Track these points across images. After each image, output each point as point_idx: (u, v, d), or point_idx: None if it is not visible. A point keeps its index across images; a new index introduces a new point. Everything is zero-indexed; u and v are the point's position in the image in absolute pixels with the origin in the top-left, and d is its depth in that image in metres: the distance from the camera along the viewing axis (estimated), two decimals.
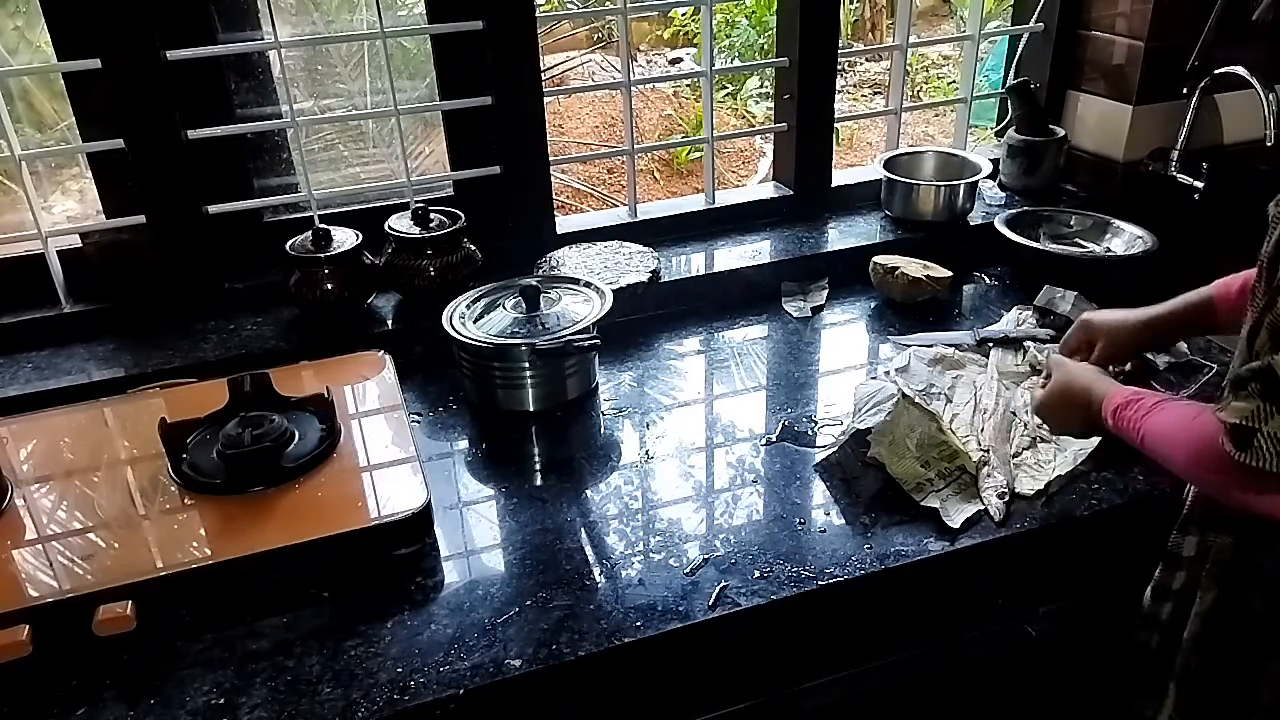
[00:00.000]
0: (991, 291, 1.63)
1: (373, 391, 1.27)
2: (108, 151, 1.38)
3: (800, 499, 1.14)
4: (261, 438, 1.09)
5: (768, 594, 0.99)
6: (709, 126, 1.74)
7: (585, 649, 0.93)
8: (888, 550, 1.05)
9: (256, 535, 1.00)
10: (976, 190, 1.75)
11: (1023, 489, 1.13)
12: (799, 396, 1.35)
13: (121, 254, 1.44)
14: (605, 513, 1.13)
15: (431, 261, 1.45)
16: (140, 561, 0.97)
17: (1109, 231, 1.67)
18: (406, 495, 1.05)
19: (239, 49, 1.44)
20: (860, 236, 1.72)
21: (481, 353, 1.30)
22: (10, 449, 1.16)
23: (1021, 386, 1.32)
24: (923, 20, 6.21)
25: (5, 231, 1.43)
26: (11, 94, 1.66)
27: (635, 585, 1.01)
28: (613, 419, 1.33)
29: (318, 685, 0.90)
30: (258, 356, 1.37)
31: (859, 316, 1.58)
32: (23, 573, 0.96)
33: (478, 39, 1.48)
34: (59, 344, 1.42)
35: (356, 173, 2.48)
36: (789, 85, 1.73)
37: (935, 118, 5.34)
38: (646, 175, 4.68)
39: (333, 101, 2.42)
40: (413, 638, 0.95)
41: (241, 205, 1.49)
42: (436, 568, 1.05)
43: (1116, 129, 1.75)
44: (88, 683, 0.91)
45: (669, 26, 5.86)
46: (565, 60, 4.65)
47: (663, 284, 1.54)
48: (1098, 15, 1.75)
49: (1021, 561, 1.13)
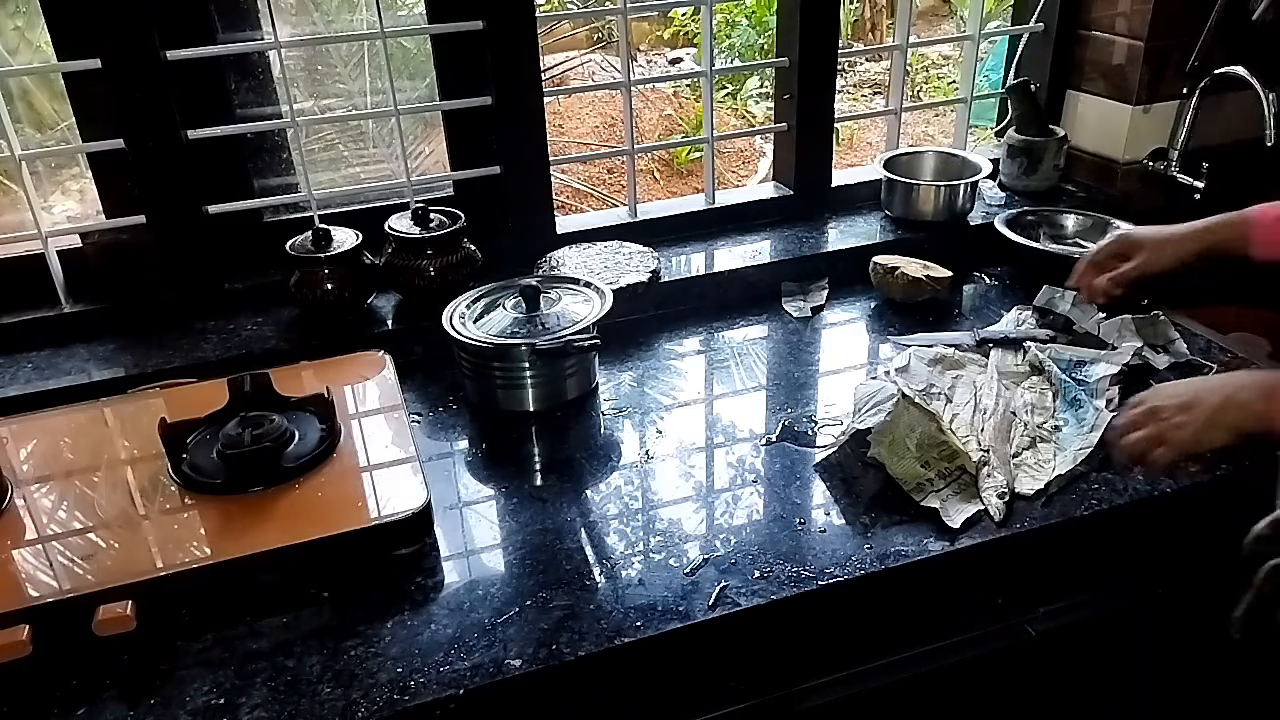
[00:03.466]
0: (991, 291, 1.63)
1: (373, 391, 1.27)
2: (108, 151, 1.38)
3: (800, 499, 1.14)
4: (261, 438, 1.09)
5: (768, 594, 0.99)
6: (709, 126, 1.74)
7: (585, 649, 0.93)
8: (888, 550, 1.05)
9: (256, 535, 1.00)
10: (976, 190, 1.75)
11: (1023, 489, 1.13)
12: (799, 396, 1.35)
13: (121, 254, 1.44)
14: (605, 513, 1.13)
15: (431, 261, 1.45)
16: (140, 561, 0.97)
17: (1109, 231, 1.66)
18: (406, 495, 1.05)
19: (239, 49, 1.44)
20: (860, 236, 1.72)
21: (481, 353, 1.30)
22: (10, 449, 1.16)
23: (1021, 386, 1.32)
24: (923, 20, 6.21)
25: (5, 231, 1.43)
26: (11, 94, 1.66)
27: (635, 585, 1.01)
28: (613, 419, 1.33)
29: (318, 685, 0.90)
30: (258, 356, 1.37)
31: (859, 316, 1.58)
32: (23, 573, 0.96)
33: (478, 39, 1.48)
34: (59, 344, 1.42)
35: (356, 173, 2.48)
36: (789, 85, 1.73)
37: (935, 118, 5.34)
38: (646, 175, 4.68)
39: (333, 101, 2.42)
40: (413, 638, 0.95)
41: (241, 205, 1.49)
42: (436, 568, 1.05)
43: (1116, 129, 1.75)
44: (88, 683, 0.91)
45: (669, 26, 5.86)
46: (565, 60, 4.65)
47: (663, 284, 1.54)
48: (1098, 15, 1.75)
49: (1021, 561, 1.13)
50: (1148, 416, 0.98)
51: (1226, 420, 0.93)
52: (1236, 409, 0.91)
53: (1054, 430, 1.23)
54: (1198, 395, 0.95)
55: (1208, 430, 0.95)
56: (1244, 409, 0.91)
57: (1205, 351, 1.39)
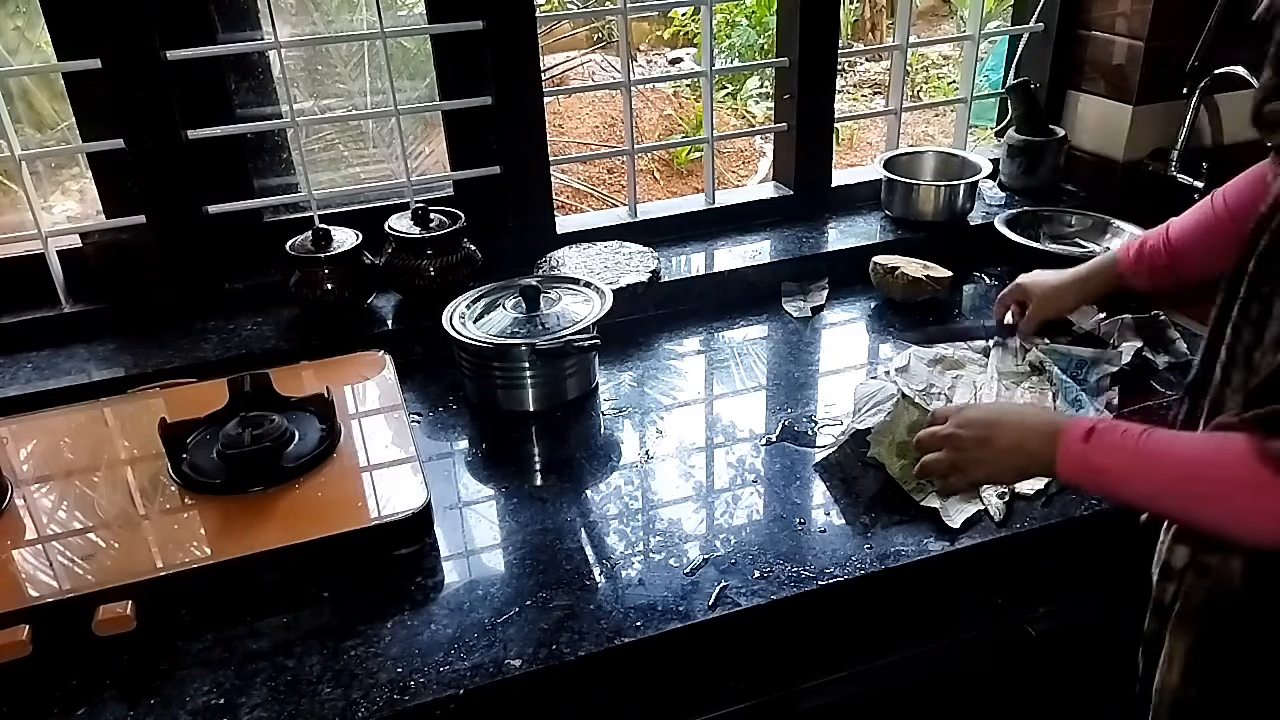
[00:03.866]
0: (991, 291, 1.63)
1: (373, 391, 1.27)
2: (108, 151, 1.38)
3: (800, 499, 1.14)
4: (261, 438, 1.09)
5: (768, 594, 0.99)
6: (709, 126, 1.74)
7: (585, 649, 0.93)
8: (888, 550, 1.05)
9: (256, 535, 1.00)
10: (976, 190, 1.75)
11: (1023, 489, 1.13)
12: (799, 396, 1.35)
13: (121, 254, 1.44)
14: (605, 513, 1.13)
15: (431, 261, 1.44)
16: (140, 561, 0.97)
17: (1109, 231, 1.67)
18: (406, 495, 1.05)
19: (239, 49, 1.44)
20: (860, 236, 1.72)
21: (481, 353, 1.30)
22: (10, 449, 1.16)
23: (1022, 387, 1.32)
24: (923, 20, 6.21)
25: (5, 231, 1.43)
26: (11, 94, 1.66)
27: (635, 585, 1.01)
28: (613, 419, 1.33)
29: (318, 685, 0.90)
30: (258, 356, 1.37)
31: (859, 316, 1.58)
32: (23, 573, 0.96)
33: (478, 39, 1.48)
34: (59, 344, 1.42)
35: (356, 173, 2.48)
36: (789, 85, 1.73)
37: (935, 118, 5.33)
38: (646, 175, 4.68)
39: (333, 101, 2.43)
40: (413, 638, 0.95)
41: (241, 205, 1.49)
42: (436, 568, 1.05)
43: (1116, 129, 1.75)
44: (88, 683, 0.91)
45: (669, 26, 5.86)
46: (565, 60, 4.65)
47: (663, 284, 1.54)
48: (1098, 15, 1.75)
49: (1021, 561, 1.13)
50: (945, 441, 0.98)
51: (1015, 464, 0.95)
52: (1024, 457, 0.93)
53: None
54: (993, 433, 0.95)
55: (997, 471, 0.98)
56: (1031, 458, 0.92)
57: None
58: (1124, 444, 0.83)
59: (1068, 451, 0.87)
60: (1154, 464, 0.82)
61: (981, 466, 0.97)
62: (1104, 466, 0.85)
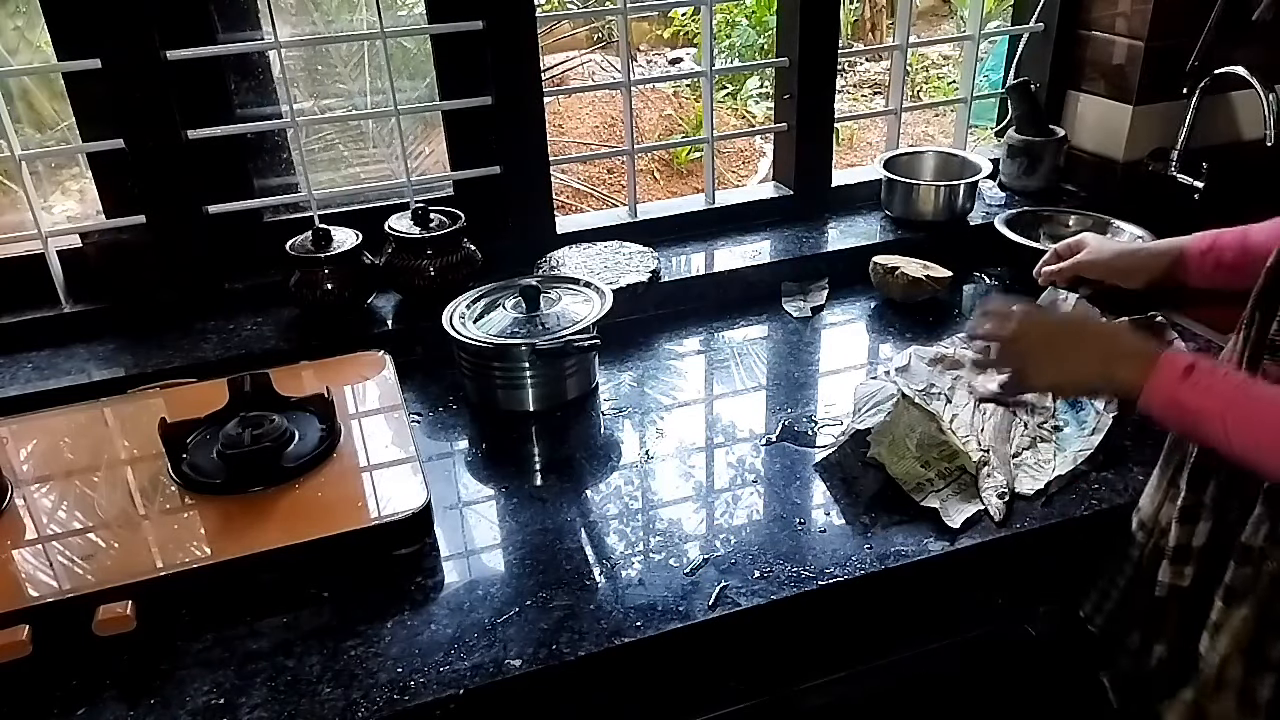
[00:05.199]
0: (991, 291, 1.63)
1: (373, 391, 1.27)
2: (108, 151, 1.38)
3: (800, 499, 1.14)
4: (261, 438, 1.09)
5: (768, 594, 0.99)
6: (709, 126, 1.74)
7: (585, 649, 0.93)
8: (888, 550, 1.05)
9: (256, 535, 1.00)
10: (976, 190, 1.75)
11: (1023, 489, 1.13)
12: (799, 396, 1.35)
13: (121, 254, 1.44)
14: (605, 513, 1.13)
15: (431, 261, 1.45)
16: (140, 561, 0.97)
17: (1109, 232, 1.66)
18: (406, 495, 1.05)
19: (239, 49, 1.44)
20: (860, 236, 1.72)
21: (481, 353, 1.30)
22: (10, 449, 1.16)
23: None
24: (923, 20, 6.21)
25: (5, 231, 1.43)
26: (11, 94, 1.66)
27: (635, 585, 1.01)
28: (613, 419, 1.33)
29: (318, 685, 0.90)
30: (258, 356, 1.37)
31: (859, 316, 1.58)
32: (23, 573, 0.96)
33: (478, 39, 1.48)
34: (59, 344, 1.42)
35: (356, 173, 2.48)
36: (789, 85, 1.73)
37: (935, 118, 5.34)
38: (646, 175, 4.68)
39: (333, 101, 2.43)
40: (413, 638, 0.95)
41: (241, 205, 1.49)
42: (436, 568, 1.05)
43: (1116, 129, 1.75)
44: (88, 683, 0.91)
45: (669, 26, 5.86)
46: (565, 60, 4.65)
47: (663, 284, 1.54)
48: (1098, 15, 1.75)
49: (1021, 561, 1.13)
50: (1011, 342, 0.93)
51: (1086, 376, 0.90)
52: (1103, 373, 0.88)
53: (1054, 430, 1.23)
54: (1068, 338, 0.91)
55: (1061, 380, 0.93)
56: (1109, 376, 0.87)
57: (1204, 351, 1.39)
58: (1222, 389, 0.79)
59: (1161, 383, 0.82)
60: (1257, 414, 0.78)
61: (1044, 375, 0.91)
62: (1197, 408, 0.80)
